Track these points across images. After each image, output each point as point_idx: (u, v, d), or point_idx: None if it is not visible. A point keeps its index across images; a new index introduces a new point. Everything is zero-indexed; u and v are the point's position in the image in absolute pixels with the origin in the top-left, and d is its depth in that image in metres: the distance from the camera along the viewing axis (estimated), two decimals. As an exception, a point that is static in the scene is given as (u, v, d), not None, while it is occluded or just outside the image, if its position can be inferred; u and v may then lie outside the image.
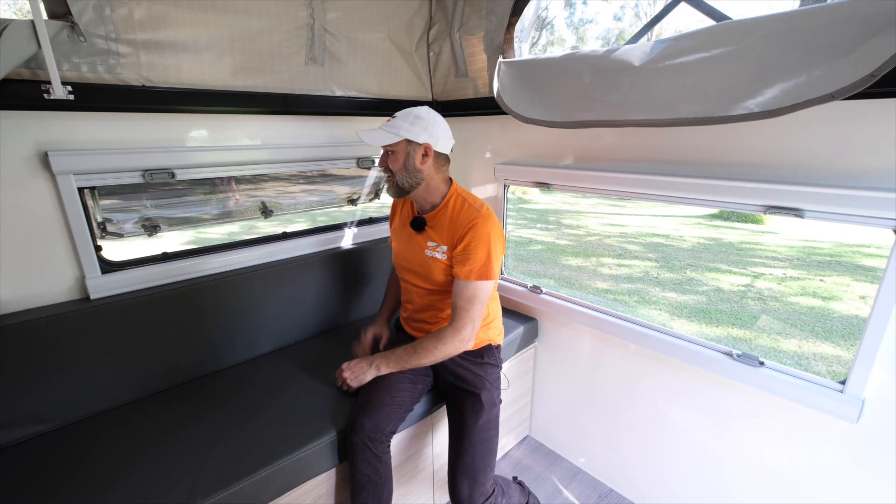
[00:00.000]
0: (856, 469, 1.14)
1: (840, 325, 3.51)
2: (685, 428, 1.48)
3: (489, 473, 1.26)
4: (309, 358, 1.58)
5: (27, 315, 1.17)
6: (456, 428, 1.30)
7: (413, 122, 1.22)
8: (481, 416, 1.26)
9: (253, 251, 1.61)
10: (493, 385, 1.34)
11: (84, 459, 1.09)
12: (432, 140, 1.24)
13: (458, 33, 1.76)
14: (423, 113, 1.24)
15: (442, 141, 1.26)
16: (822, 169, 1.07)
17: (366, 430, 1.18)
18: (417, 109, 1.25)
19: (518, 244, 5.97)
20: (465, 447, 1.25)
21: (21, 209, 1.16)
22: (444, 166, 1.31)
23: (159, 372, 1.38)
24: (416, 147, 1.23)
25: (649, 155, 1.39)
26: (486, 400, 1.29)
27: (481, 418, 1.26)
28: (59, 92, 1.08)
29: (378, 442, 1.19)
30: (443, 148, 1.27)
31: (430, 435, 1.48)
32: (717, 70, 1.06)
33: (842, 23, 0.89)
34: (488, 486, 1.25)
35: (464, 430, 1.27)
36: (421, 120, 1.23)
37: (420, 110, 1.25)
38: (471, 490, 1.22)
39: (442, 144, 1.26)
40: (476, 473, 1.23)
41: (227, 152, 1.48)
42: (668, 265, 4.98)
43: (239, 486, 1.02)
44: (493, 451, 1.28)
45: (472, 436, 1.25)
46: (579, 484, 1.79)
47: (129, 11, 1.16)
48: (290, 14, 1.45)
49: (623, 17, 13.36)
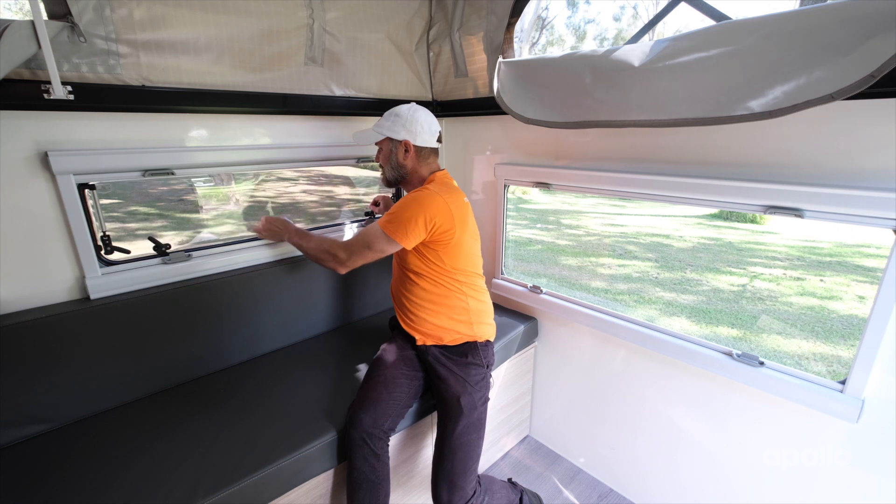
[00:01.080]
0: (856, 469, 1.14)
1: (840, 325, 3.51)
2: (685, 428, 1.48)
3: (469, 477, 1.26)
4: (308, 358, 1.58)
5: (27, 315, 1.17)
6: (439, 432, 1.31)
7: (393, 120, 1.33)
8: (460, 421, 1.26)
9: (253, 251, 1.61)
10: (476, 387, 1.32)
11: (84, 459, 1.09)
12: (411, 136, 1.33)
13: (458, 33, 1.76)
14: (403, 111, 1.34)
15: (422, 136, 1.34)
16: (822, 169, 1.07)
17: (364, 425, 1.18)
18: (399, 108, 1.35)
19: (518, 244, 5.97)
20: (444, 453, 1.26)
21: (21, 209, 1.16)
22: (430, 158, 1.39)
23: (159, 372, 1.38)
24: (397, 144, 1.35)
25: (649, 155, 1.39)
26: (466, 404, 1.27)
27: (460, 424, 1.26)
28: (59, 92, 1.08)
29: (376, 438, 1.19)
30: (424, 142, 1.35)
31: (430, 435, 1.48)
32: (717, 70, 1.06)
33: (842, 23, 0.89)
34: (468, 490, 1.26)
35: (443, 436, 1.28)
36: (400, 118, 1.33)
37: (400, 108, 1.34)
38: (449, 495, 1.23)
39: (423, 139, 1.34)
40: (455, 478, 1.24)
41: (227, 152, 1.48)
42: (668, 265, 4.98)
43: (239, 485, 1.02)
44: (473, 455, 1.28)
45: (451, 442, 1.26)
46: (579, 484, 1.79)
47: (128, 12, 1.17)
48: (290, 14, 1.45)
49: (622, 18, 13.37)
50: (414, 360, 1.39)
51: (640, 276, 4.72)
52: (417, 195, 1.26)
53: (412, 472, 1.47)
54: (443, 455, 1.26)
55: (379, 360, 1.39)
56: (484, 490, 1.33)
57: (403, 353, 1.40)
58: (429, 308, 1.36)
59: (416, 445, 1.45)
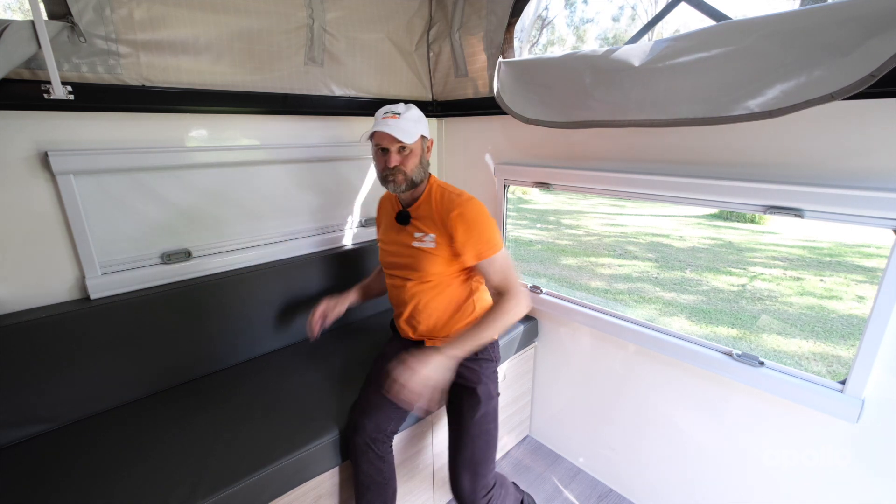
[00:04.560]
0: (856, 469, 1.14)
1: (840, 325, 3.51)
2: (685, 428, 1.48)
3: (490, 466, 1.26)
4: (309, 358, 1.58)
5: (27, 315, 1.17)
6: (454, 423, 1.30)
7: (418, 118, 1.25)
8: (478, 409, 1.26)
9: (253, 251, 1.61)
10: (490, 378, 1.33)
11: (84, 459, 1.09)
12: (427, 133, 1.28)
13: (458, 33, 1.76)
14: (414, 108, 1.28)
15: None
16: (822, 169, 1.07)
17: (367, 430, 1.18)
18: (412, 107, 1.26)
19: (518, 244, 5.97)
20: (464, 441, 1.25)
21: (21, 209, 1.16)
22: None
23: (159, 371, 1.38)
24: (426, 142, 1.28)
25: (649, 155, 1.39)
26: (483, 393, 1.28)
27: (478, 412, 1.26)
28: (59, 92, 1.08)
29: (380, 442, 1.19)
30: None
31: (430, 434, 1.48)
32: (717, 70, 1.06)
33: (842, 23, 0.89)
34: (489, 479, 1.25)
35: (462, 426, 1.27)
36: (421, 116, 1.27)
37: (411, 106, 1.27)
38: (472, 483, 1.22)
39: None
40: (477, 467, 1.23)
41: (227, 152, 1.48)
42: (668, 265, 4.98)
43: (239, 485, 1.02)
44: (492, 445, 1.28)
45: (471, 430, 1.25)
46: (579, 484, 1.79)
47: (128, 12, 1.17)
48: (290, 14, 1.45)
49: (621, 18, 13.37)
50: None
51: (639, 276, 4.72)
52: (476, 207, 1.22)
53: (414, 469, 1.47)
54: (462, 444, 1.25)
55: (380, 362, 1.38)
56: (500, 484, 1.33)
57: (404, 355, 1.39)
58: (440, 308, 1.33)
59: (417, 444, 1.45)
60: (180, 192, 1.42)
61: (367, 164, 1.93)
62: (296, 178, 1.70)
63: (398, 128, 1.18)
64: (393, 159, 1.21)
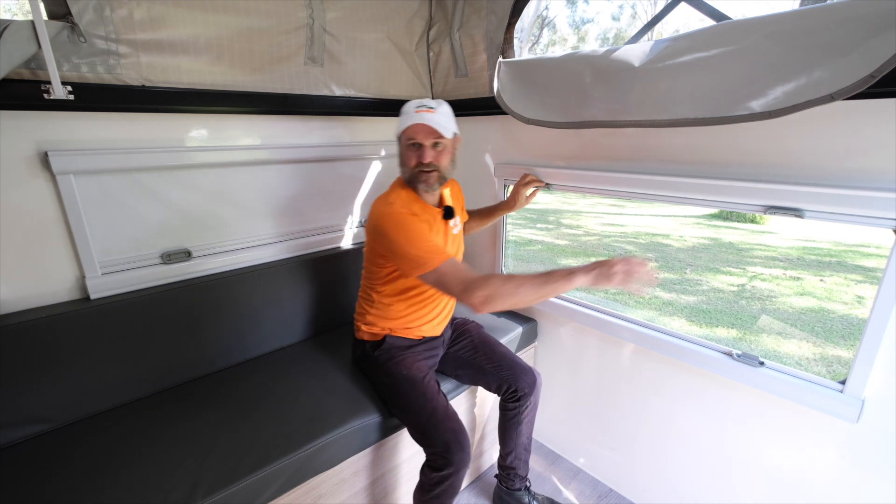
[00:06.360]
0: (856, 469, 1.14)
1: (840, 325, 3.51)
2: (685, 428, 1.48)
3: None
4: (309, 358, 1.57)
5: (27, 315, 1.17)
6: (481, 351, 1.48)
7: (450, 114, 1.25)
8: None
9: (253, 251, 1.61)
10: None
11: (84, 459, 1.09)
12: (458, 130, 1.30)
13: (458, 33, 1.76)
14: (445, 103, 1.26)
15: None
16: (822, 169, 1.07)
17: (466, 461, 1.18)
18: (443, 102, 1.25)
19: (518, 244, 5.97)
20: (499, 355, 1.46)
21: (21, 209, 1.16)
22: None
23: (159, 371, 1.37)
24: (457, 138, 1.30)
25: (649, 155, 1.39)
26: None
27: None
28: (59, 92, 1.08)
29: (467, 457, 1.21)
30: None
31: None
32: (717, 70, 1.06)
33: (842, 23, 0.89)
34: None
35: (489, 344, 1.50)
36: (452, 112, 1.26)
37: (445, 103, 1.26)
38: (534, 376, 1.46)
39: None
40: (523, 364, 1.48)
41: (227, 152, 1.48)
42: (667, 265, 4.98)
43: (239, 485, 1.02)
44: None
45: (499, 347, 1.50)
46: (579, 484, 1.79)
47: (128, 12, 1.17)
48: (290, 14, 1.45)
49: (620, 18, 13.39)
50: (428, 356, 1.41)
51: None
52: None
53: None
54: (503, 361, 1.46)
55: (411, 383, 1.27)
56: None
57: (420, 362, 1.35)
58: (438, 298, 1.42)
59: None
60: (180, 192, 1.42)
61: (368, 164, 1.93)
62: (296, 178, 1.70)
63: (435, 121, 1.13)
64: (427, 154, 1.15)
